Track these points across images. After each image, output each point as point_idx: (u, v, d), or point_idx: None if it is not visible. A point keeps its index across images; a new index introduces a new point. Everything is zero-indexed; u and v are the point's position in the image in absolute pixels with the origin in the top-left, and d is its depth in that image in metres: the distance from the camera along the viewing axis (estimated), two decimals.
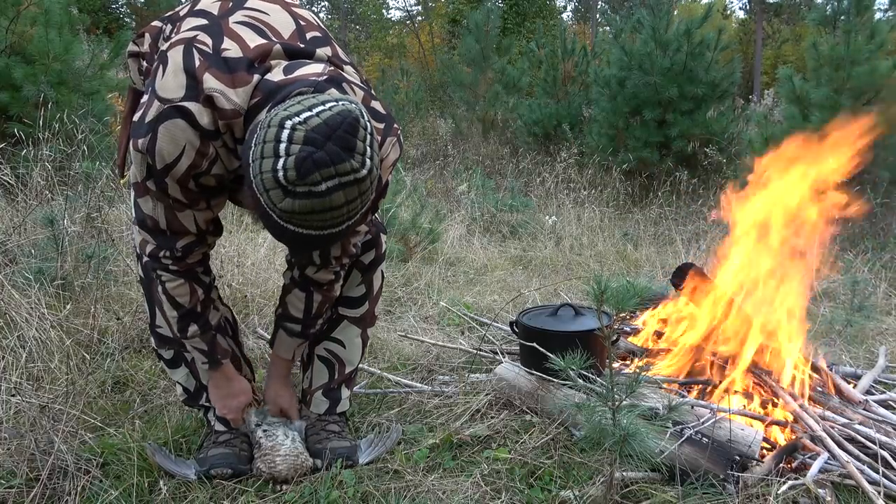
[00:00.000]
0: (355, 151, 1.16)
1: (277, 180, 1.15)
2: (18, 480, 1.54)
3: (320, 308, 1.69)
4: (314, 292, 1.66)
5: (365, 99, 1.42)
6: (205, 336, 1.61)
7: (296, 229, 1.21)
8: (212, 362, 1.65)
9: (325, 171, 1.14)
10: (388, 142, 1.44)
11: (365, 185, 1.20)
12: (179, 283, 1.52)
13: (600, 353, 1.93)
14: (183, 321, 1.57)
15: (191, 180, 1.36)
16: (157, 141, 1.30)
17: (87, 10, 11.61)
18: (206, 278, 1.59)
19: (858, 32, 4.47)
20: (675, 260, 3.94)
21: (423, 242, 4.06)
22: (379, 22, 25.83)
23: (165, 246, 1.46)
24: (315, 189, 1.15)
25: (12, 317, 2.11)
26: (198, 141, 1.31)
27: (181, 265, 1.50)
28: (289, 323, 1.71)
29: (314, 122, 1.15)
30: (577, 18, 30.93)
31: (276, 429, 1.71)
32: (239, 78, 1.31)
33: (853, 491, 1.63)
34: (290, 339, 1.73)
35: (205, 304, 1.59)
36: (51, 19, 4.14)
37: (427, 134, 9.14)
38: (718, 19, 17.52)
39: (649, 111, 5.66)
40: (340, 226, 1.23)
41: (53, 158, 3.09)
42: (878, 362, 2.34)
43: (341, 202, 1.18)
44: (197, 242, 1.49)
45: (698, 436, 1.69)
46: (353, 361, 1.87)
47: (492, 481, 1.66)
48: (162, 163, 1.32)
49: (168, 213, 1.43)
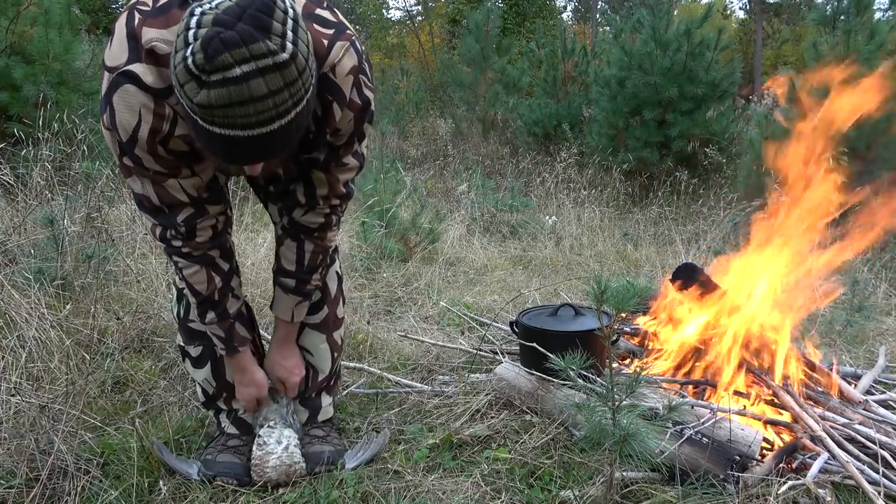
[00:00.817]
0: (271, 32, 1.07)
1: (188, 69, 1.06)
2: (18, 480, 1.54)
3: (313, 259, 1.62)
4: (305, 240, 1.60)
5: (307, 7, 1.33)
6: (222, 324, 1.58)
7: (221, 131, 1.11)
8: (228, 349, 1.63)
9: (237, 52, 1.04)
10: (339, 46, 1.33)
11: (290, 72, 1.09)
12: (196, 270, 1.51)
13: (600, 353, 1.93)
14: (201, 307, 1.56)
15: (158, 146, 1.31)
16: (116, 113, 1.25)
17: (87, 10, 11.62)
18: (225, 265, 1.56)
19: (858, 32, 4.47)
20: (675, 260, 3.94)
21: (423, 242, 4.06)
22: (379, 22, 25.84)
23: (168, 223, 1.44)
24: (228, 75, 1.05)
25: (12, 317, 2.11)
26: (151, 102, 1.25)
27: (191, 245, 1.47)
28: (283, 277, 1.64)
29: (224, 5, 1.07)
30: (577, 18, 30.96)
31: (270, 435, 1.69)
32: (172, 16, 1.24)
33: (853, 491, 1.63)
34: (286, 296, 1.66)
35: (223, 293, 1.56)
36: (51, 19, 4.14)
37: (427, 134, 9.15)
38: (718, 19, 17.53)
39: (649, 111, 5.66)
40: (270, 124, 1.12)
41: (53, 158, 3.09)
42: (878, 362, 2.34)
43: (263, 92, 1.08)
44: (197, 214, 1.45)
45: (698, 436, 1.69)
46: (324, 368, 1.83)
47: (492, 481, 1.66)
48: (125, 134, 1.27)
49: (155, 187, 1.39)
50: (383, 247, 3.77)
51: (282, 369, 1.73)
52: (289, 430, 1.72)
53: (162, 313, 2.60)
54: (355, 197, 4.24)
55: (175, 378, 2.22)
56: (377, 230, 3.82)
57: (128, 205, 3.43)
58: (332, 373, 1.85)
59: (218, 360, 1.73)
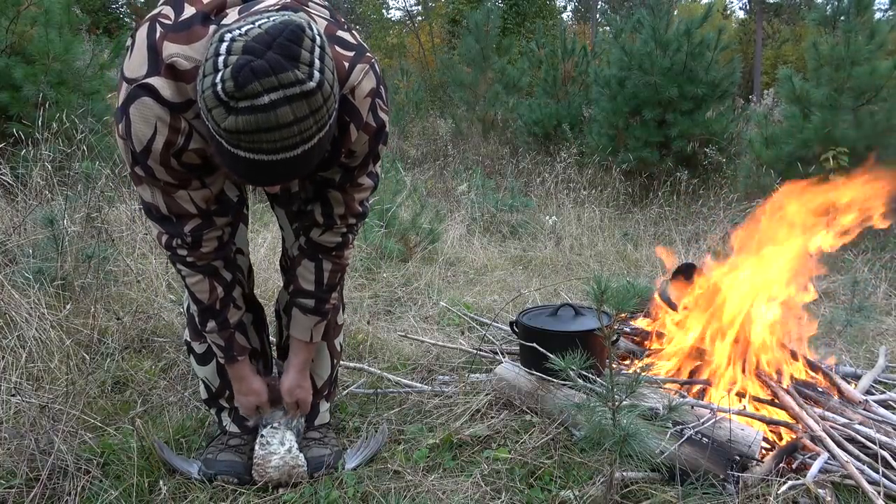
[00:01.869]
0: (300, 61, 1.09)
1: (217, 95, 1.08)
2: (18, 480, 1.54)
3: (332, 278, 1.63)
4: (323, 260, 1.60)
5: (329, 28, 1.36)
6: (223, 333, 1.59)
7: (246, 155, 1.13)
8: (227, 358, 1.63)
9: (266, 81, 1.07)
10: (359, 69, 1.35)
11: (315, 100, 1.12)
12: (198, 280, 1.51)
13: (600, 353, 1.93)
14: (203, 315, 1.57)
15: (172, 159, 1.32)
16: (132, 124, 1.27)
17: (87, 10, 11.61)
18: (228, 275, 1.56)
19: (858, 32, 4.47)
20: (675, 260, 3.93)
21: (423, 242, 4.06)
22: (379, 22, 25.82)
23: (174, 233, 1.44)
24: (257, 102, 1.07)
25: (12, 317, 2.11)
26: (167, 116, 1.26)
27: (196, 255, 1.48)
28: (302, 298, 1.64)
29: (254, 33, 1.09)
30: (577, 18, 30.94)
31: (273, 436, 1.68)
32: (194, 33, 1.25)
33: (853, 491, 1.63)
34: (304, 317, 1.65)
35: (224, 303, 1.57)
36: (51, 19, 4.13)
37: (427, 134, 9.14)
38: (718, 19, 17.53)
39: (649, 111, 5.66)
40: (294, 149, 1.14)
41: (53, 158, 3.09)
42: (878, 362, 2.34)
43: (289, 119, 1.10)
44: (204, 225, 1.46)
45: (698, 436, 1.69)
46: (322, 375, 1.83)
47: (492, 481, 1.66)
48: (140, 145, 1.29)
49: (165, 197, 1.40)
50: (383, 247, 3.77)
51: (301, 392, 1.72)
52: (291, 433, 1.71)
53: (162, 313, 2.60)
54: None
55: (175, 378, 2.22)
56: (377, 230, 3.82)
57: (128, 205, 3.43)
58: (331, 379, 1.86)
59: None
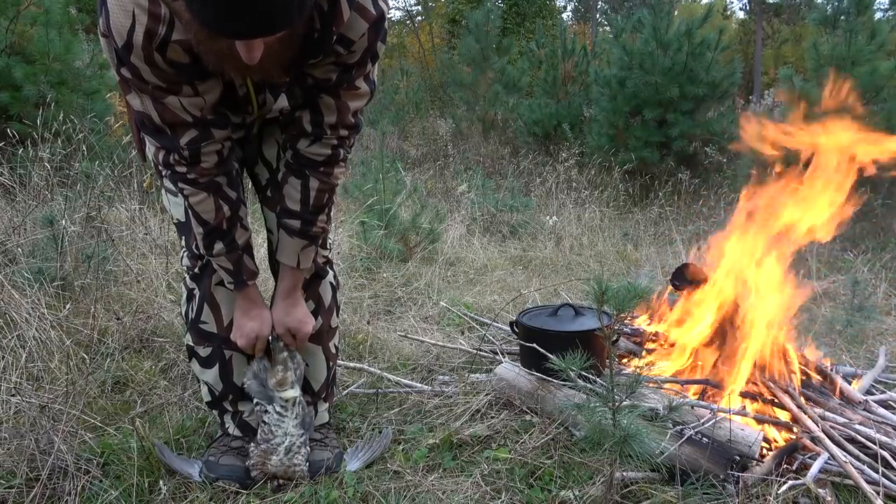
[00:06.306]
0: None
1: None
2: (18, 480, 1.54)
3: (319, 198, 1.54)
4: (310, 177, 1.52)
5: None
6: (231, 255, 1.53)
7: None
8: (237, 283, 1.57)
9: None
10: None
11: None
12: (203, 198, 1.46)
13: (600, 354, 1.93)
14: (209, 238, 1.51)
15: (156, 55, 1.26)
16: (110, 14, 1.23)
17: (87, 10, 11.60)
18: (233, 193, 1.51)
19: (859, 32, 4.47)
20: (675, 260, 3.93)
21: (423, 242, 4.06)
22: None
23: (171, 147, 1.40)
24: None
25: (12, 317, 2.11)
26: (145, 1, 1.21)
27: (196, 171, 1.43)
28: (287, 219, 1.56)
29: None
30: (577, 18, 30.93)
31: (279, 425, 1.63)
32: None
33: (853, 491, 1.63)
34: (291, 239, 1.57)
35: (231, 222, 1.51)
36: (51, 19, 4.15)
37: (427, 134, 9.13)
38: (718, 19, 17.54)
39: (650, 111, 5.66)
40: None
41: (53, 158, 3.09)
42: (878, 362, 2.34)
43: None
44: (201, 137, 1.40)
45: (698, 436, 1.69)
46: (319, 378, 1.82)
47: (492, 481, 1.66)
48: (121, 39, 1.24)
49: (156, 104, 1.34)
50: (383, 247, 3.77)
51: (292, 319, 1.64)
52: (296, 421, 1.66)
53: (162, 313, 2.60)
54: (355, 196, 4.26)
55: (175, 378, 2.22)
56: (377, 230, 3.82)
57: (127, 205, 3.43)
58: (328, 381, 1.86)
59: (226, 362, 1.71)
